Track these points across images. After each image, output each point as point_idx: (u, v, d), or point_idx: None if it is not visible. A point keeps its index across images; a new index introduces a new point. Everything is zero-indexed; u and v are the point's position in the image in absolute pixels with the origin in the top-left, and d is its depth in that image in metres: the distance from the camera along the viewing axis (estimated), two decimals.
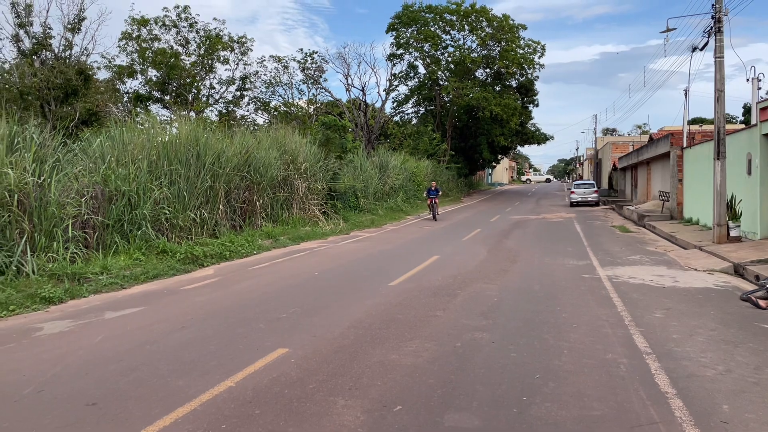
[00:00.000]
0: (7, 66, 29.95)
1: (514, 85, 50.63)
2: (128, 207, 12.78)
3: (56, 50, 29.39)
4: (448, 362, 5.94)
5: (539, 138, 56.90)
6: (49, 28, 28.90)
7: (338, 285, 10.49)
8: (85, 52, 30.32)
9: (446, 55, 47.37)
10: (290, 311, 8.28)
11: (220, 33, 37.80)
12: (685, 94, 26.51)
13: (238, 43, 38.78)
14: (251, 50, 39.61)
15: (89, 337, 7.02)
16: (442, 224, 23.93)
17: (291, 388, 5.20)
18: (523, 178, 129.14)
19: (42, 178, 10.88)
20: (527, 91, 51.87)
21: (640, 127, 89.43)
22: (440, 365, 5.84)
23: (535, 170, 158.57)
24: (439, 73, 47.00)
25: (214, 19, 44.30)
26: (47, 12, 29.07)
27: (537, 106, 54.56)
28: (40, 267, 9.97)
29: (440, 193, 27.50)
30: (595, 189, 38.24)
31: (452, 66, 46.48)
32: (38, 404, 4.90)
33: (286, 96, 43.93)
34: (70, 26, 29.32)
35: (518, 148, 70.23)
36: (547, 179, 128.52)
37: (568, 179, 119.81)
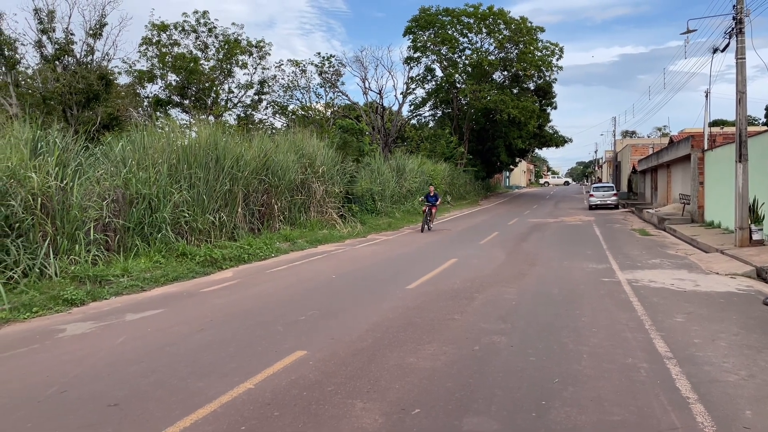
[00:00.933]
0: (30, 71, 30.49)
1: (532, 88, 50.42)
2: (149, 210, 12.93)
3: (78, 56, 29.88)
4: (466, 366, 5.92)
5: (557, 141, 56.60)
6: (72, 34, 29.40)
7: (356, 288, 10.51)
8: (106, 57, 30.80)
9: (463, 57, 47.33)
10: (308, 314, 8.31)
11: (239, 38, 38.15)
12: (706, 96, 26.19)
13: (256, 47, 39.11)
14: (269, 54, 39.99)
15: (111, 339, 7.11)
16: (458, 228, 23.85)
17: (309, 390, 5.22)
18: (541, 181, 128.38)
19: (65, 182, 11.04)
20: (545, 94, 51.62)
21: (660, 129, 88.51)
22: (458, 369, 5.83)
23: (554, 173, 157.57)
24: (456, 75, 46.94)
25: (233, 23, 44.92)
26: (69, 18, 29.56)
27: (555, 108, 54.33)
28: (63, 269, 10.12)
29: (439, 201, 23.30)
30: (615, 192, 37.89)
31: (469, 69, 46.41)
32: (61, 404, 4.98)
33: (303, 100, 44.22)
34: (91, 32, 29.80)
35: (536, 150, 69.96)
36: (565, 182, 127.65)
37: (587, 182, 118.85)
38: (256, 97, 41.52)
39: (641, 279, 11.18)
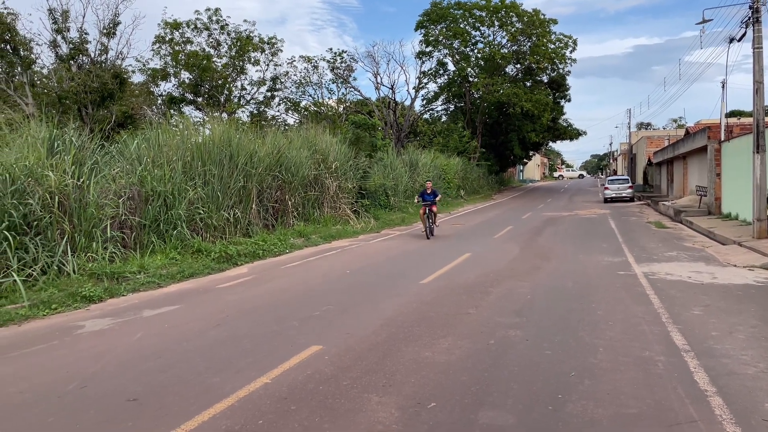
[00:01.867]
0: (45, 71, 30.80)
1: (545, 81, 50.06)
2: (164, 207, 13.03)
3: (92, 55, 30.13)
4: (481, 360, 5.92)
5: (571, 133, 56.19)
6: (86, 33, 29.63)
7: (370, 283, 10.54)
8: (120, 56, 31.03)
9: (476, 51, 47.10)
10: (323, 309, 8.35)
11: (251, 34, 38.24)
12: (723, 87, 25.89)
13: (268, 44, 39.19)
14: (281, 51, 40.12)
15: (128, 335, 7.19)
16: (471, 222, 23.79)
17: (325, 384, 5.25)
18: (556, 174, 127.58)
19: (81, 180, 11.16)
20: (559, 86, 51.25)
21: (675, 120, 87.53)
22: (474, 363, 5.83)
23: (568, 166, 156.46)
24: (469, 69, 46.72)
25: (245, 20, 45.10)
26: (83, 17, 29.84)
27: (569, 101, 53.92)
28: (81, 266, 10.24)
29: (439, 197, 18.53)
30: (630, 184, 37.55)
31: (482, 62, 46.18)
32: (82, 400, 5.05)
33: (316, 96, 44.30)
34: (105, 31, 30.02)
35: (550, 144, 69.41)
36: (580, 175, 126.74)
37: (602, 175, 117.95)
38: (269, 94, 41.66)
39: (658, 272, 11.09)
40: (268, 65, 40.11)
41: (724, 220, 20.19)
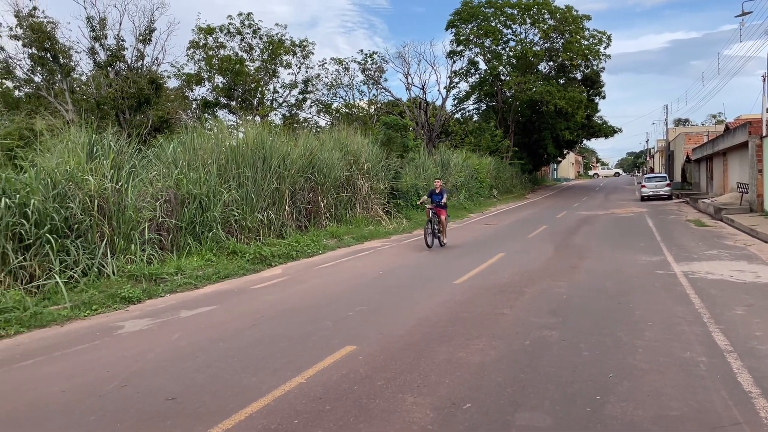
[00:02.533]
0: (84, 78, 31.62)
1: (579, 78, 49.33)
2: (199, 210, 13.24)
3: (129, 61, 30.81)
4: (517, 360, 5.85)
5: (606, 131, 55.24)
6: (122, 40, 30.32)
7: (403, 283, 10.52)
8: (155, 61, 31.67)
9: (507, 49, 46.68)
10: (356, 309, 8.36)
11: (282, 38, 38.64)
12: (764, 81, 25.07)
13: (299, 47, 39.55)
14: (312, 53, 40.38)
15: (166, 335, 7.32)
16: (505, 222, 23.56)
17: (360, 384, 5.26)
18: (591, 172, 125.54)
19: (119, 184, 11.41)
20: (593, 83, 50.44)
21: (714, 116, 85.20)
22: (509, 363, 5.76)
23: (603, 164, 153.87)
24: (501, 68, 46.33)
25: (276, 24, 45.67)
26: (120, 25, 30.56)
27: (603, 98, 53.03)
28: (120, 268, 10.46)
29: (445, 197, 15.50)
30: (668, 182, 36.74)
31: (514, 60, 45.74)
32: (122, 398, 5.15)
33: (347, 97, 44.54)
34: (141, 37, 30.68)
35: (584, 142, 68.43)
36: (615, 173, 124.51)
37: (638, 173, 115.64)
38: (301, 96, 42.03)
39: (698, 271, 10.81)
40: (299, 68, 40.50)
41: (766, 217, 19.59)
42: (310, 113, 43.71)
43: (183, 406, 4.91)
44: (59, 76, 29.27)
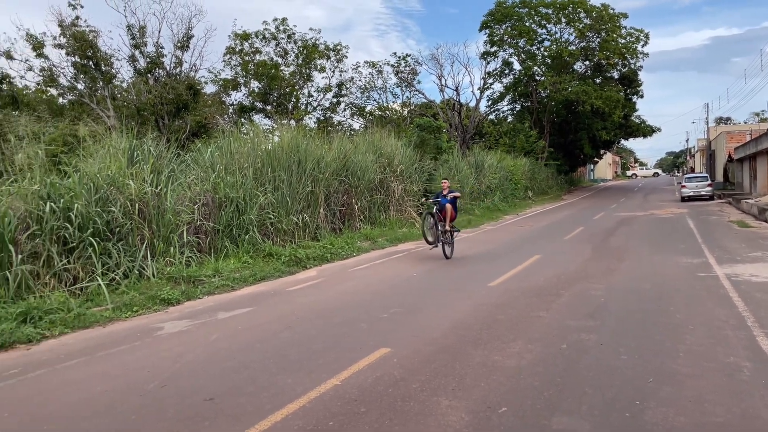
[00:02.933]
0: (125, 85, 32.43)
1: (616, 77, 48.42)
2: (236, 213, 13.44)
3: (168, 68, 31.48)
4: (553, 364, 5.78)
5: (645, 130, 54.09)
6: (161, 48, 31.00)
7: (437, 285, 10.49)
8: (193, 68, 32.29)
9: (542, 49, 46.14)
10: (391, 311, 8.37)
11: (317, 42, 38.97)
12: None
13: (333, 51, 39.82)
14: (346, 57, 40.63)
15: (205, 336, 7.45)
16: (540, 223, 23.27)
17: (395, 387, 5.26)
18: (629, 173, 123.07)
19: (159, 188, 11.66)
20: (630, 82, 49.46)
21: (757, 114, 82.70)
22: (546, 367, 5.69)
23: (641, 164, 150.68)
24: (535, 68, 45.80)
25: (311, 29, 46.18)
26: (159, 32, 31.20)
27: (641, 97, 51.92)
28: (159, 270, 10.69)
29: (453, 194, 14.38)
30: (709, 182, 35.76)
31: (549, 60, 45.18)
32: (161, 398, 5.26)
33: (380, 100, 44.65)
34: (179, 44, 31.32)
35: (622, 141, 67.10)
36: (654, 173, 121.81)
37: (678, 173, 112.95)
38: (335, 100, 42.32)
39: (741, 273, 10.50)
40: (333, 72, 40.78)
41: None
42: (343, 116, 44.01)
43: (221, 406, 4.99)
44: (101, 83, 30.08)
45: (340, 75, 41.50)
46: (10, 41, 29.30)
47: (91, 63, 29.44)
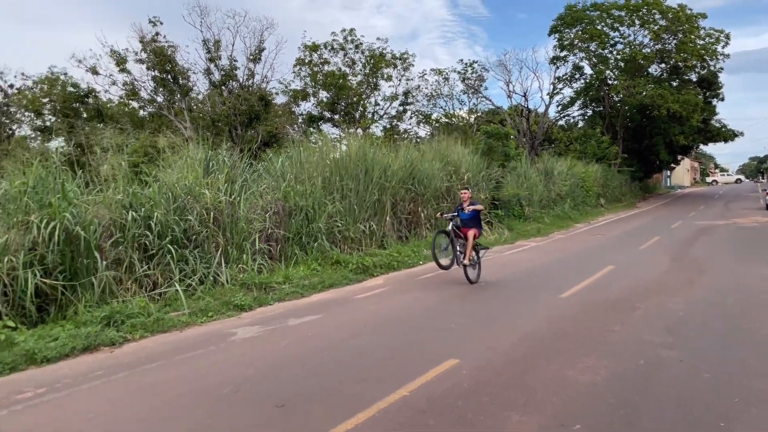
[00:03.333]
0: (200, 97, 33.78)
1: (694, 79, 46.30)
2: (305, 221, 13.70)
3: (241, 80, 32.58)
4: (629, 381, 5.57)
5: (726, 135, 51.40)
6: (235, 61, 32.11)
7: (506, 296, 10.32)
8: (265, 79, 33.28)
9: (614, 52, 44.72)
10: (459, 321, 8.30)
11: (384, 52, 39.32)
12: None
13: (400, 59, 40.08)
14: (413, 65, 40.80)
15: (276, 342, 7.61)
16: (613, 232, 22.49)
17: (464, 399, 5.21)
18: (708, 179, 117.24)
19: (233, 197, 12.05)
20: (710, 85, 47.19)
21: None
22: (621, 384, 5.50)
23: (722, 170, 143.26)
24: (608, 72, 44.44)
25: (378, 38, 46.73)
26: (233, 46, 32.33)
27: (722, 100, 49.40)
28: (233, 277, 11.02)
29: (480, 210, 12.08)
30: None
31: (621, 64, 43.75)
32: (235, 403, 5.41)
33: (447, 107, 44.51)
34: (252, 57, 32.37)
35: (701, 147, 64.02)
36: (737, 180, 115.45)
37: (762, 179, 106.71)
38: (401, 108, 42.53)
39: None
40: (400, 80, 41.00)
41: None
42: (409, 124, 44.15)
43: (292, 413, 5.09)
44: (178, 96, 31.46)
45: (407, 83, 41.71)
46: (95, 57, 31.00)
47: (169, 77, 30.84)
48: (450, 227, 11.78)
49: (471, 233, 11.61)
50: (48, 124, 32.63)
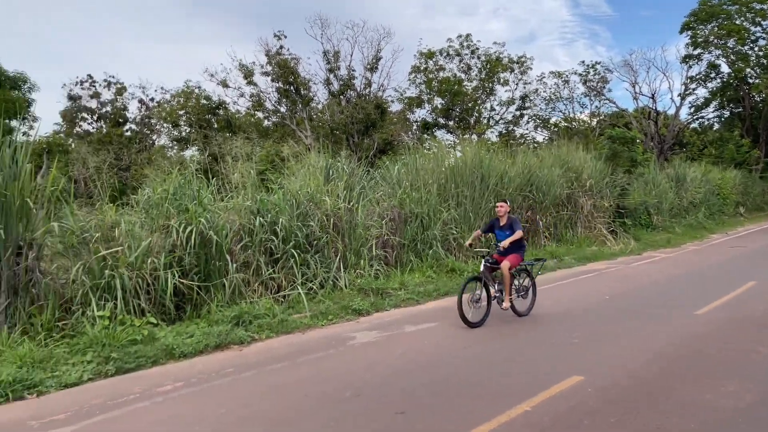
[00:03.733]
0: (320, 106, 35.11)
1: None
2: (420, 228, 13.75)
3: (358, 89, 33.48)
4: None
5: None
6: (353, 70, 33.11)
7: (633, 310, 9.72)
8: (381, 88, 33.99)
9: (756, 49, 41.06)
10: (582, 336, 7.94)
11: (500, 56, 38.77)
12: None
13: (517, 63, 39.35)
14: (531, 69, 39.82)
15: (393, 349, 7.67)
16: (754, 244, 20.55)
17: (590, 419, 4.96)
18: None
19: (351, 204, 12.35)
20: None
21: None
22: None
23: None
24: (748, 70, 40.86)
25: (494, 43, 45.79)
26: (351, 56, 33.36)
27: None
28: (350, 282, 11.28)
29: (517, 235, 9.15)
30: None
31: (764, 61, 40.06)
32: (356, 408, 5.50)
33: (566, 111, 43.01)
34: (369, 66, 33.20)
35: None
36: None
37: None
38: (518, 113, 41.69)
39: None
40: (517, 84, 40.25)
41: None
42: (526, 129, 43.16)
43: (411, 422, 5.08)
44: (299, 106, 32.90)
45: (524, 87, 40.84)
46: (226, 71, 33.23)
47: (292, 88, 32.34)
48: (482, 266, 9.17)
49: (506, 264, 9.01)
50: (183, 134, 35.38)
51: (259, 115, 36.03)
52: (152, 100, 36.11)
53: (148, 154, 31.46)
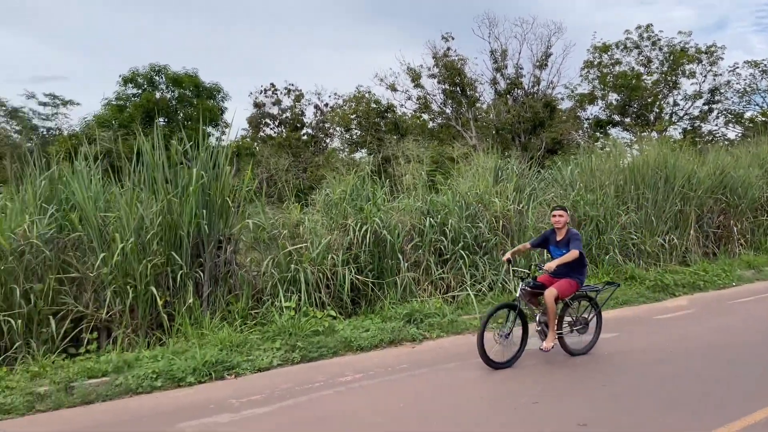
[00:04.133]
0: (485, 106, 34.81)
1: None
2: (596, 231, 13.03)
3: (526, 87, 32.66)
4: None
5: None
6: (520, 68, 32.40)
7: None
8: (550, 85, 32.84)
9: None
10: None
11: (686, 46, 35.55)
12: None
13: (705, 53, 35.77)
14: (721, 59, 35.90)
15: (565, 360, 7.32)
16: None
17: None
18: None
19: (521, 205, 12.05)
20: None
21: None
22: None
23: None
24: None
25: (679, 32, 41.83)
26: (519, 54, 32.66)
27: None
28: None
29: (573, 251, 6.91)
30: None
31: None
32: (534, 415, 5.34)
33: (764, 104, 38.29)
34: (537, 63, 32.26)
35: None
36: None
37: None
38: (706, 107, 37.90)
39: None
40: (705, 76, 36.59)
41: None
42: (716, 125, 39.07)
43: None
44: (465, 106, 32.88)
45: (714, 79, 36.97)
46: (394, 75, 34.16)
47: (458, 89, 32.43)
48: (519, 290, 7.14)
49: (551, 292, 6.81)
50: (354, 137, 37.05)
51: (425, 116, 36.61)
52: (326, 105, 38.28)
53: (323, 156, 33.39)
